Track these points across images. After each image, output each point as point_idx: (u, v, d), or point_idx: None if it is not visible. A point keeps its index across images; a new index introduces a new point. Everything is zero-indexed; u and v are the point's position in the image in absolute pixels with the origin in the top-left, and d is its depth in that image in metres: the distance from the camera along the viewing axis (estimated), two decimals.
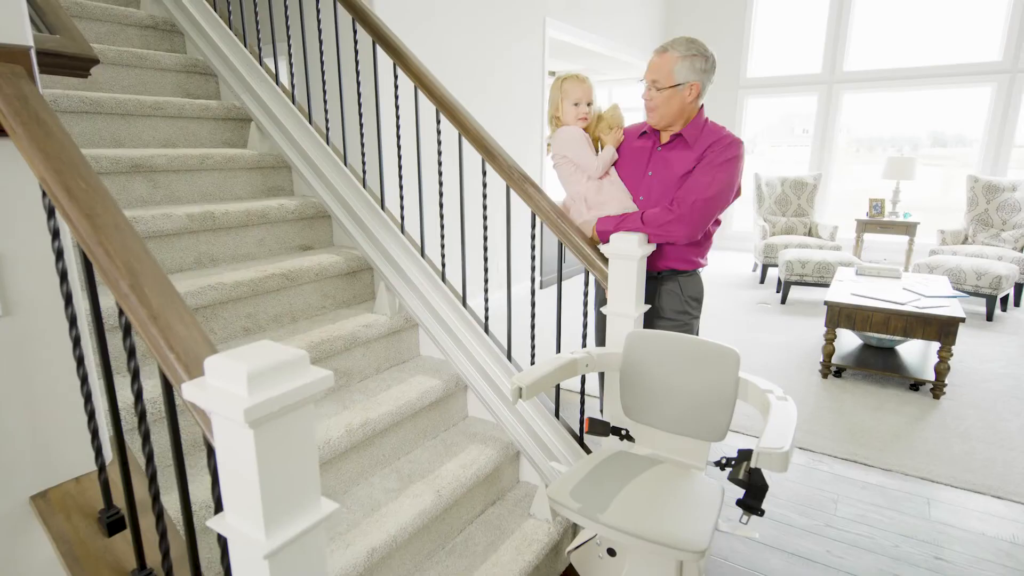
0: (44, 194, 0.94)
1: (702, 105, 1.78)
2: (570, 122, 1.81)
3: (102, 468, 1.07)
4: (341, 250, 2.22)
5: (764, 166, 7.49)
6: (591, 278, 1.87)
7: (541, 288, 5.39)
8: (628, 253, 1.65)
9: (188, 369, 0.76)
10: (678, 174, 1.73)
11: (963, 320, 3.02)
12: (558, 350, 1.87)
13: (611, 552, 1.57)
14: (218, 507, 0.81)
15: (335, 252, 2.17)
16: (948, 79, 6.18)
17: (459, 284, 2.10)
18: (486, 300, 2.01)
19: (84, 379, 1.04)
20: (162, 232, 1.75)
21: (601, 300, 1.96)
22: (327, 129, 2.27)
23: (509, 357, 2.00)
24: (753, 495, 1.39)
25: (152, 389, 1.39)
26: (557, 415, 1.94)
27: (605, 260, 1.72)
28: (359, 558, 1.38)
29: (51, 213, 0.96)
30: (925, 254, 6.10)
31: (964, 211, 5.53)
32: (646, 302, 1.80)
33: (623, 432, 1.66)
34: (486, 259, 1.97)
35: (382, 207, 2.18)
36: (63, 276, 0.98)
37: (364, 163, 2.19)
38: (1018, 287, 5.05)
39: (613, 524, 1.25)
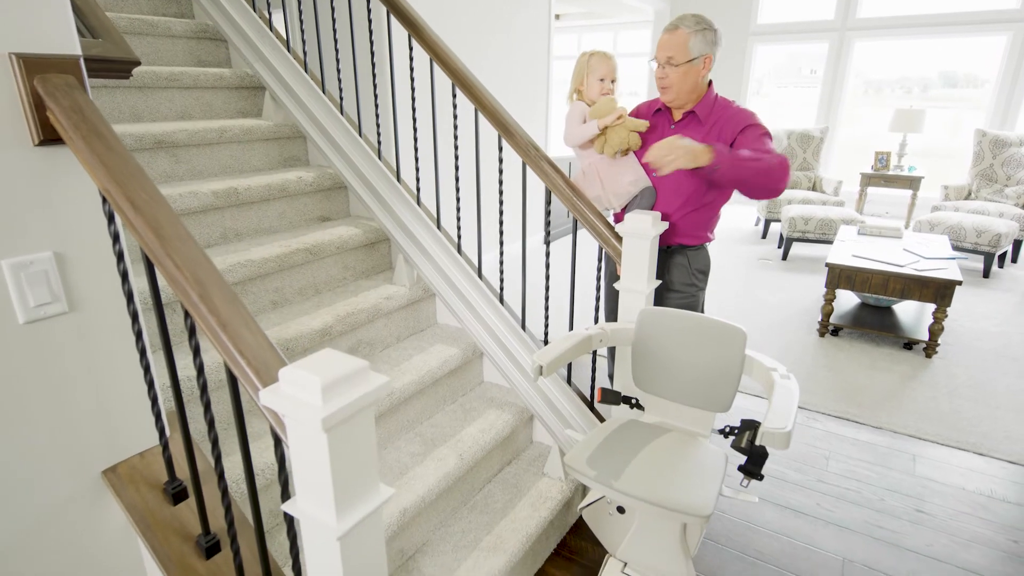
0: (104, 200, 1.00)
1: (711, 81, 1.81)
2: (593, 97, 1.84)
3: (166, 446, 1.18)
4: (358, 221, 2.27)
5: (770, 110, 7.39)
6: (603, 253, 1.93)
7: (548, 242, 5.44)
8: (642, 232, 1.71)
9: (258, 373, 0.84)
10: None
11: (959, 283, 3.11)
12: (571, 327, 1.96)
13: (620, 510, 1.71)
14: (284, 490, 0.91)
15: (353, 223, 2.23)
16: (963, 27, 6.02)
17: (474, 255, 2.17)
18: (501, 273, 2.08)
19: (147, 368, 1.13)
20: (190, 210, 1.81)
21: (611, 272, 2.04)
22: (341, 99, 2.27)
23: (523, 327, 2.09)
24: (754, 462, 1.51)
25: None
26: (569, 381, 2.05)
27: (619, 238, 1.78)
28: (392, 518, 1.51)
29: (111, 218, 1.02)
30: (928, 208, 6.11)
31: (969, 166, 5.52)
32: (656, 276, 1.88)
33: (633, 401, 1.77)
34: (502, 232, 2.03)
35: (398, 179, 2.22)
36: (124, 276, 1.05)
37: (379, 134, 2.21)
38: (1016, 243, 5.11)
39: (627, 490, 1.38)
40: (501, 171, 1.97)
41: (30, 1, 0.93)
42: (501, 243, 2.03)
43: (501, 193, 1.99)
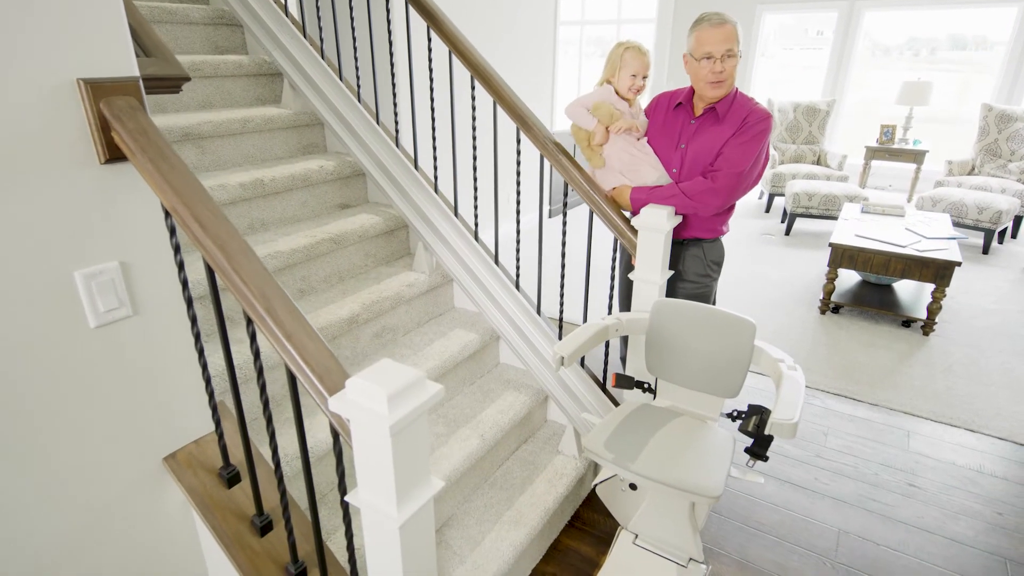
0: (167, 215, 1.07)
1: None
2: (623, 90, 1.88)
3: (221, 435, 1.28)
4: (378, 208, 2.33)
5: (775, 73, 7.32)
6: (618, 243, 2.01)
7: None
8: (657, 226, 1.78)
9: (321, 379, 0.93)
10: (711, 147, 1.83)
11: (959, 264, 3.19)
12: (585, 312, 2.05)
13: (632, 486, 1.83)
14: (341, 481, 1.01)
15: (372, 211, 2.29)
16: None
17: (489, 241, 2.24)
18: (517, 260, 2.15)
19: (204, 367, 1.22)
20: (219, 202, 1.87)
21: (626, 261, 2.11)
22: (358, 87, 2.31)
23: (539, 311, 2.17)
24: (760, 444, 1.62)
25: (243, 353, 1.57)
26: (582, 364, 2.15)
27: (635, 230, 1.85)
28: None
29: (172, 231, 1.09)
30: (932, 182, 6.14)
31: (974, 140, 5.53)
32: (670, 267, 1.96)
33: (646, 385, 1.87)
34: (518, 222, 2.10)
35: (415, 167, 2.28)
36: (184, 284, 1.13)
37: (397, 123, 2.25)
38: (1017, 219, 5.17)
39: (643, 472, 1.49)
40: (519, 162, 2.03)
41: (95, 29, 0.99)
42: (518, 232, 2.10)
43: (519, 184, 2.05)
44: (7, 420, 1.02)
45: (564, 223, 2.02)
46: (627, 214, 1.94)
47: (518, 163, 2.03)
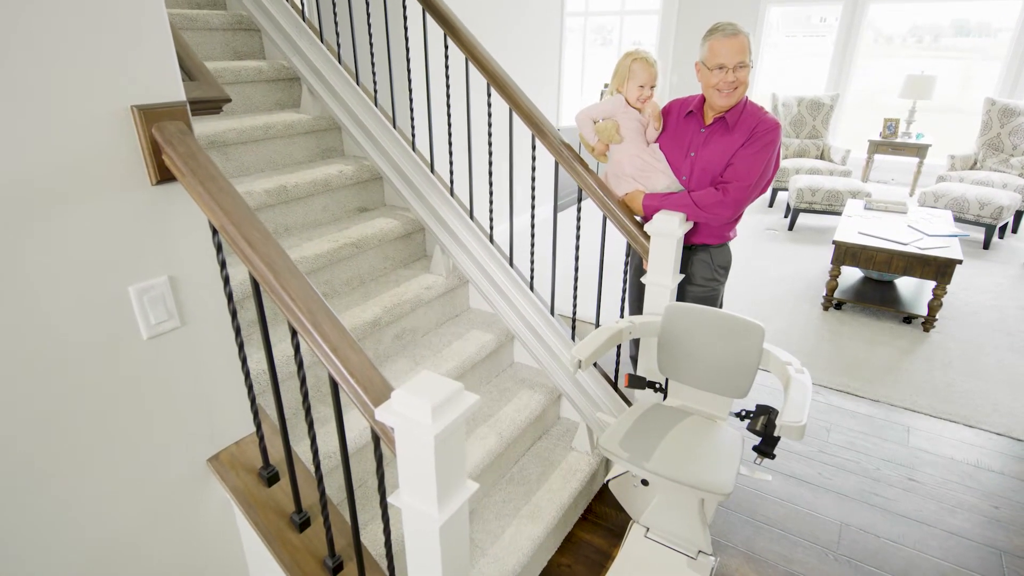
0: (214, 232, 1.13)
1: None
2: (631, 100, 1.93)
3: (262, 438, 1.35)
4: (395, 211, 2.39)
5: (777, 62, 7.34)
6: (630, 247, 2.07)
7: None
8: (669, 232, 1.84)
9: (365, 390, 1.00)
10: (720, 157, 1.88)
11: (960, 262, 3.25)
12: (597, 322, 2.11)
13: (644, 482, 1.90)
14: (380, 483, 1.08)
15: (390, 214, 2.35)
16: None
17: (502, 236, 2.30)
18: (532, 263, 2.22)
19: (247, 375, 1.29)
20: None
21: (636, 264, 2.18)
22: (375, 92, 2.36)
23: (552, 312, 2.24)
24: (767, 443, 1.69)
25: (282, 353, 1.64)
26: (595, 363, 2.21)
27: (647, 236, 1.92)
28: None
29: (219, 248, 1.16)
30: (934, 176, 6.18)
31: (976, 135, 5.57)
32: (679, 271, 2.02)
33: (657, 385, 1.94)
34: (533, 226, 2.16)
35: (432, 170, 2.33)
36: (230, 297, 1.20)
37: (413, 127, 2.30)
38: (1018, 214, 5.22)
39: (657, 471, 1.56)
40: (534, 168, 2.09)
41: (148, 58, 1.04)
42: (532, 236, 2.16)
43: (533, 189, 2.11)
44: (68, 427, 1.09)
45: (578, 227, 2.08)
46: (639, 218, 2.00)
47: (533, 168, 2.09)
